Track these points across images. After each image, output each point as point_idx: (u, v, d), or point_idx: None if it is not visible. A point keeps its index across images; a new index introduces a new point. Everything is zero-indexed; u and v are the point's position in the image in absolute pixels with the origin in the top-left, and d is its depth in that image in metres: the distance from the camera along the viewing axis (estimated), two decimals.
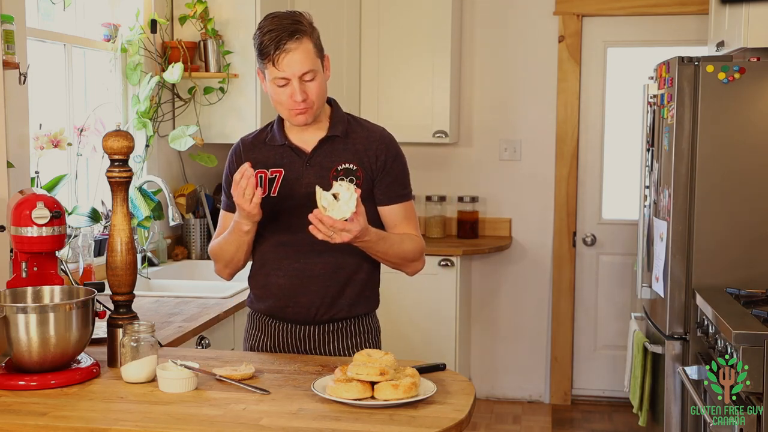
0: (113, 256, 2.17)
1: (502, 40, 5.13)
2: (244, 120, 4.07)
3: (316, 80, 2.29)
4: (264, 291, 2.43)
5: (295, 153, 2.38)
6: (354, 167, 2.36)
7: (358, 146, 2.38)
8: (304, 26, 2.27)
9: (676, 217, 3.53)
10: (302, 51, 2.25)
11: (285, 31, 2.24)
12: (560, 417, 5.02)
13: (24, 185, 2.87)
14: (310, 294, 2.37)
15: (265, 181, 2.38)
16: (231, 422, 1.81)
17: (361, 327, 2.45)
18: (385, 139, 2.42)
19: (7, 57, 2.65)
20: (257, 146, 2.44)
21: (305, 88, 2.28)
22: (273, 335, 2.43)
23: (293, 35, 2.24)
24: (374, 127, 2.45)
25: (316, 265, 2.37)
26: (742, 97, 3.44)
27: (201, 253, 4.17)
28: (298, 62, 2.25)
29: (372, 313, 2.50)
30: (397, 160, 2.41)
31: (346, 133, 2.39)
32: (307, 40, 2.26)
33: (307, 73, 2.27)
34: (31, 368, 2.04)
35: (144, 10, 3.87)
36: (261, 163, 2.39)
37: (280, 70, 2.25)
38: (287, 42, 2.23)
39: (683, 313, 3.54)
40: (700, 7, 4.76)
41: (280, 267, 2.39)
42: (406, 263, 2.42)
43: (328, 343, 2.41)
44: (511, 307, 5.24)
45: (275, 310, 2.42)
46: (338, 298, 2.39)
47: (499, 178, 5.20)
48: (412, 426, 1.78)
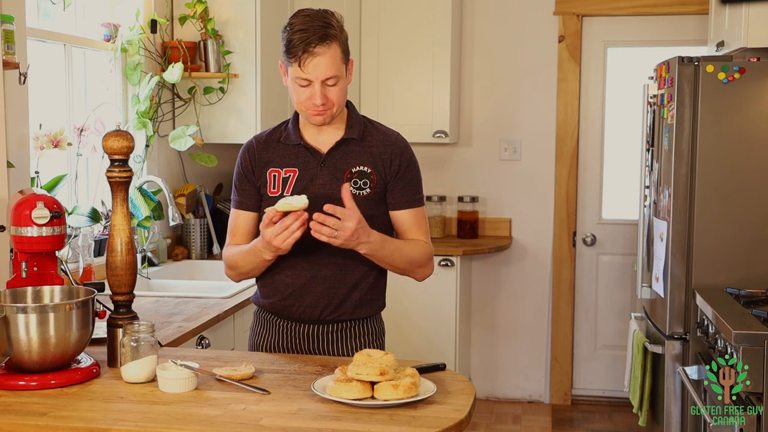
0: (113, 256, 2.17)
1: (502, 39, 5.14)
2: (244, 120, 4.07)
3: (338, 85, 2.28)
4: (270, 289, 2.43)
5: (310, 153, 2.38)
6: (368, 170, 2.36)
7: (373, 149, 2.38)
8: (334, 29, 2.26)
9: (676, 217, 3.53)
10: (329, 56, 2.24)
11: (315, 34, 2.22)
12: (560, 417, 5.02)
13: (24, 185, 2.87)
14: (316, 295, 2.38)
15: (279, 181, 2.38)
16: (231, 422, 1.81)
17: (366, 328, 2.45)
18: (400, 144, 2.42)
19: (7, 57, 2.65)
20: (271, 145, 2.43)
21: (326, 91, 2.28)
22: (278, 333, 2.43)
23: (323, 40, 2.23)
24: (390, 131, 2.45)
25: (325, 266, 2.37)
26: (742, 97, 3.44)
27: (201, 253, 4.17)
28: (323, 67, 2.24)
29: (377, 315, 2.50)
30: (411, 165, 2.42)
31: (362, 135, 2.39)
32: (335, 44, 2.25)
33: (330, 78, 2.26)
34: (31, 368, 2.04)
35: (144, 10, 3.87)
36: (275, 162, 2.39)
37: (305, 73, 2.25)
38: (316, 46, 2.22)
39: (683, 313, 3.54)
40: (700, 7, 4.77)
41: (288, 266, 2.38)
42: (414, 268, 2.41)
43: (332, 343, 2.41)
44: (511, 307, 5.24)
45: (280, 309, 2.41)
46: (344, 300, 2.39)
47: (499, 178, 5.21)
48: (412, 426, 1.78)
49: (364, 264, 2.37)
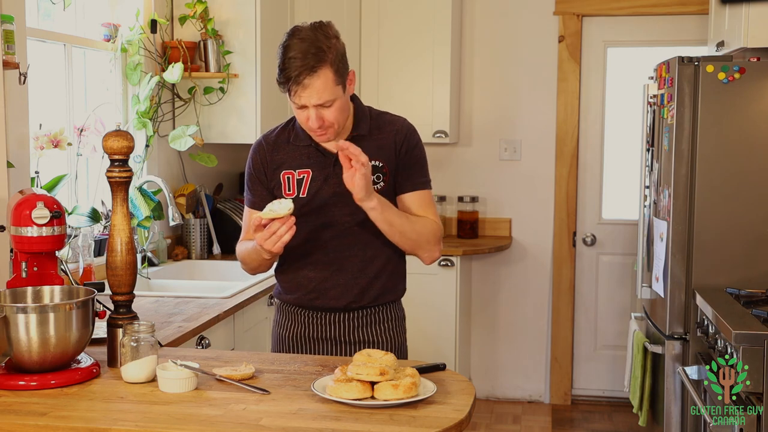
0: (113, 256, 2.17)
1: (502, 39, 5.14)
2: (244, 120, 4.07)
3: (333, 106, 2.29)
4: (293, 284, 2.48)
5: (321, 154, 2.41)
6: (380, 164, 2.39)
7: (382, 141, 2.42)
8: (325, 53, 2.24)
9: (676, 217, 3.53)
10: (319, 85, 2.24)
11: (305, 65, 2.22)
12: (560, 417, 5.02)
13: (24, 185, 2.87)
14: (340, 287, 2.43)
15: (294, 183, 2.41)
16: (231, 422, 1.80)
17: (389, 314, 2.50)
18: (406, 128, 2.46)
19: (7, 57, 2.65)
20: (281, 146, 2.45)
21: (322, 114, 2.29)
22: (302, 323, 2.49)
23: (313, 70, 2.22)
24: (396, 118, 2.48)
25: (346, 259, 2.41)
26: (742, 97, 3.44)
27: (201, 253, 4.17)
28: (315, 95, 2.25)
29: (398, 301, 2.54)
30: (417, 148, 2.46)
31: (370, 130, 2.42)
32: (327, 69, 2.24)
33: (324, 102, 2.27)
34: (31, 368, 2.04)
35: (144, 10, 3.87)
36: (287, 164, 2.42)
37: (296, 102, 2.28)
38: (305, 77, 2.23)
39: (683, 313, 3.54)
40: (700, 7, 4.77)
41: (309, 262, 2.43)
42: (422, 244, 2.42)
43: (355, 329, 2.46)
44: (511, 307, 5.24)
45: (305, 302, 2.47)
46: (367, 289, 2.44)
47: (499, 178, 5.21)
48: (412, 426, 1.78)
49: (384, 253, 2.43)
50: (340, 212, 2.39)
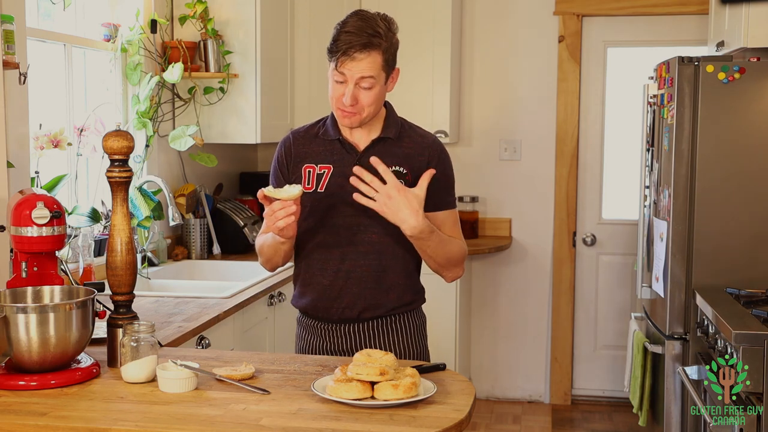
0: (113, 256, 2.17)
1: (502, 40, 5.14)
2: (244, 120, 4.07)
3: (372, 89, 2.29)
4: (308, 288, 2.45)
5: (345, 150, 2.39)
6: (404, 170, 2.38)
7: (409, 150, 2.40)
8: (379, 39, 2.25)
9: (676, 217, 3.54)
10: (368, 61, 2.25)
11: (359, 41, 2.23)
12: (560, 417, 5.02)
13: (24, 185, 2.87)
14: (352, 295, 2.40)
15: (313, 177, 2.39)
16: (231, 422, 1.80)
17: (407, 322, 2.46)
18: (436, 146, 2.45)
19: (7, 57, 2.65)
20: (309, 139, 2.44)
21: (358, 93, 2.28)
22: (320, 336, 2.45)
23: (365, 47, 2.24)
24: (426, 133, 2.47)
25: (361, 267, 2.38)
26: (742, 97, 3.44)
27: (201, 253, 4.17)
28: (359, 69, 2.25)
29: (418, 309, 2.51)
30: (446, 168, 2.46)
31: (399, 136, 2.41)
32: (377, 53, 2.26)
33: (364, 78, 2.27)
34: (31, 368, 2.04)
35: (144, 10, 3.87)
36: (310, 158, 2.41)
37: (340, 71, 2.27)
38: (356, 51, 2.24)
39: (683, 313, 3.54)
40: (700, 7, 4.77)
41: (324, 267, 2.41)
42: (449, 266, 2.42)
43: (373, 339, 2.42)
44: (511, 307, 5.24)
45: (319, 311, 2.43)
46: (382, 301, 2.41)
47: (499, 178, 5.21)
48: (412, 426, 1.78)
49: (400, 260, 2.40)
50: (356, 211, 2.35)
